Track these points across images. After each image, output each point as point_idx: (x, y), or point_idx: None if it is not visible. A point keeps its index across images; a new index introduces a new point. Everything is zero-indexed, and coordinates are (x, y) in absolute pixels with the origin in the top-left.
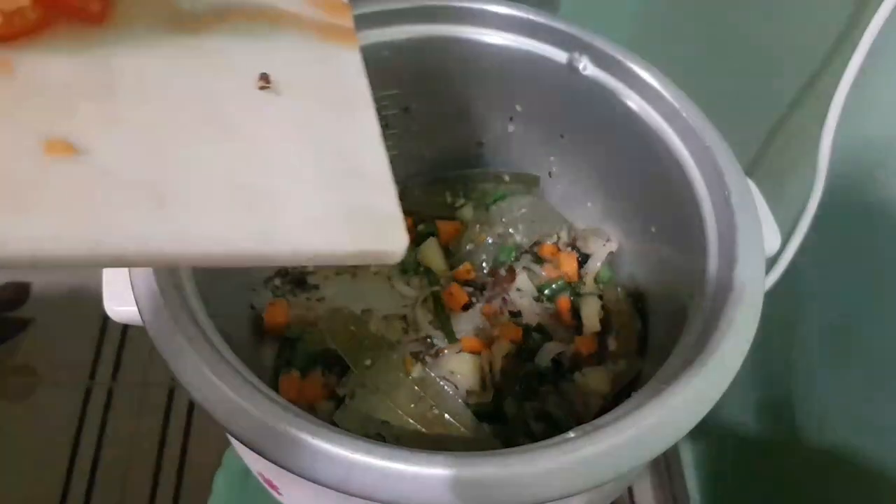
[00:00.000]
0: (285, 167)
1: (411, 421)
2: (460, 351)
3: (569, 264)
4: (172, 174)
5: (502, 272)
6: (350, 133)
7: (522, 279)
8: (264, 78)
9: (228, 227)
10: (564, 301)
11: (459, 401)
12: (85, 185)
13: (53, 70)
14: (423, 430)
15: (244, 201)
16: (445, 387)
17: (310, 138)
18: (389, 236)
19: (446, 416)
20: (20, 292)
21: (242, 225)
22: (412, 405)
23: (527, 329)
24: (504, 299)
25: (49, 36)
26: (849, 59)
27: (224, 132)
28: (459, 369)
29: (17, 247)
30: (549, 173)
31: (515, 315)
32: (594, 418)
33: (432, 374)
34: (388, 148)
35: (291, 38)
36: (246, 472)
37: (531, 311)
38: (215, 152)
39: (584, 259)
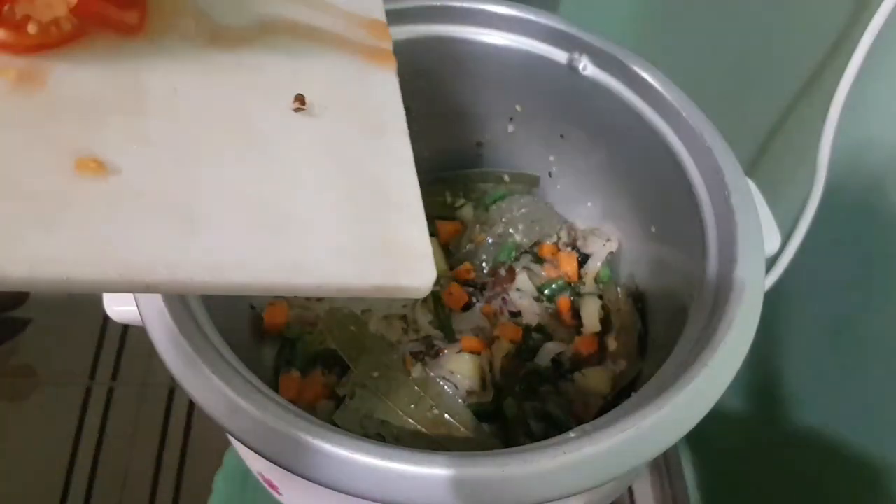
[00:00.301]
0: (316, 195)
1: (411, 421)
2: (460, 351)
3: (569, 264)
4: (203, 198)
5: (502, 272)
6: (383, 160)
7: (522, 279)
8: (299, 99)
9: (258, 257)
10: (564, 301)
11: (459, 401)
12: (115, 206)
13: (86, 84)
14: (423, 430)
15: (274, 230)
16: (445, 387)
17: (343, 165)
18: (418, 271)
19: (446, 416)
20: (20, 292)
21: (272, 255)
22: (412, 405)
23: (527, 329)
24: (504, 299)
25: (83, 46)
26: (849, 59)
27: (256, 155)
28: (459, 369)
29: (44, 270)
30: (549, 173)
31: (515, 315)
32: (594, 418)
33: (432, 374)
34: None
35: (330, 58)
36: (246, 472)
37: (531, 311)
38: (246, 176)
39: (584, 259)
